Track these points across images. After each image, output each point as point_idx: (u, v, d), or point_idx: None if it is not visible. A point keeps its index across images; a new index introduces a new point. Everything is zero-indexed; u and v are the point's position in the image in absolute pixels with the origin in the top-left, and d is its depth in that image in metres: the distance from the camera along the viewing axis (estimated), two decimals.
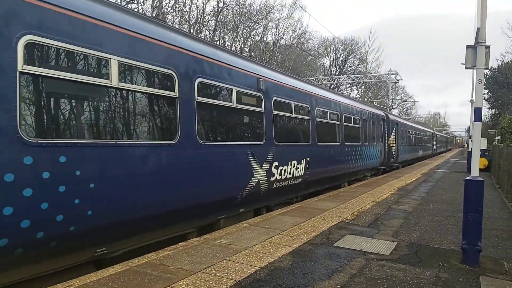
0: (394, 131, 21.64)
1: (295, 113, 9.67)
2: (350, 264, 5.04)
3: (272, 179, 8.30)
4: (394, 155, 21.55)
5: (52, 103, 4.30)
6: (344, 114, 13.11)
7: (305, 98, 10.30)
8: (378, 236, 6.57)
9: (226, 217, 7.21)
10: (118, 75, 4.80)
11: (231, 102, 7.17)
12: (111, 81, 4.72)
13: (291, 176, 9.15)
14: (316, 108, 10.94)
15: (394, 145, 21.56)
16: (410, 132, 27.83)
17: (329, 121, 12.01)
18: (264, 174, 8.02)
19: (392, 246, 5.98)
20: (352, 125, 14.20)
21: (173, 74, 5.70)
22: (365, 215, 8.33)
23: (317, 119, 10.87)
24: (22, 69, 3.84)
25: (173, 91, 5.72)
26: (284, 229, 6.79)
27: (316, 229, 6.89)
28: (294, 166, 9.24)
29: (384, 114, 20.01)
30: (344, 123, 13.12)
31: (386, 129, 19.77)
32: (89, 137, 4.56)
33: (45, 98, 4.20)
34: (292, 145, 9.40)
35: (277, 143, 8.48)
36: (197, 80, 6.19)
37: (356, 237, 6.48)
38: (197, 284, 4.16)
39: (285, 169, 8.80)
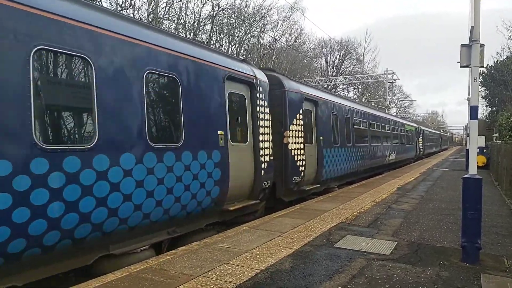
0: (300, 119, 10.51)
1: None
2: (351, 265, 5.04)
3: None
4: (302, 171, 10.47)
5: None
6: None
7: None
8: (378, 236, 6.58)
9: None
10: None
11: None
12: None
13: None
14: None
15: (300, 148, 10.43)
16: (362, 123, 16.85)
17: None
18: None
19: (392, 245, 5.99)
20: None
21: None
22: (365, 215, 8.34)
23: None
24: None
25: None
26: (284, 231, 6.79)
27: (316, 230, 6.90)
28: None
29: (251, 73, 8.51)
30: None
31: (256, 110, 8.58)
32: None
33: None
34: None
35: None
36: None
37: (356, 237, 6.48)
38: None
39: None
